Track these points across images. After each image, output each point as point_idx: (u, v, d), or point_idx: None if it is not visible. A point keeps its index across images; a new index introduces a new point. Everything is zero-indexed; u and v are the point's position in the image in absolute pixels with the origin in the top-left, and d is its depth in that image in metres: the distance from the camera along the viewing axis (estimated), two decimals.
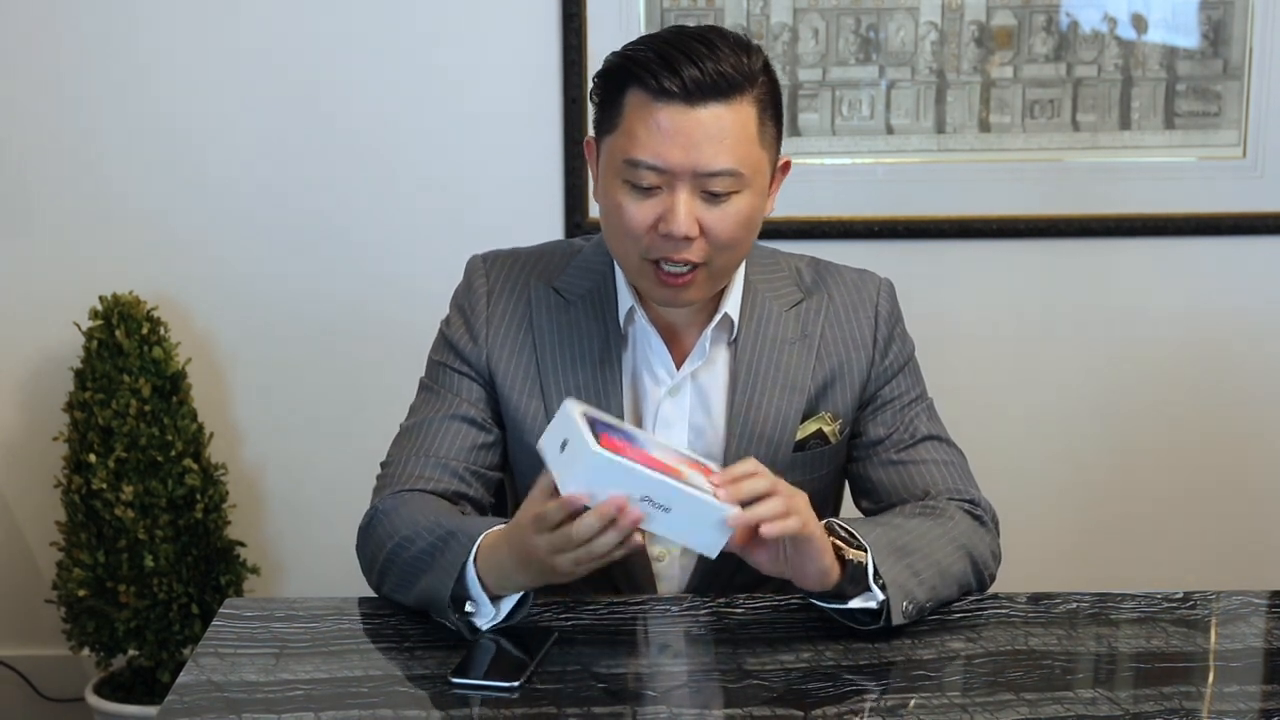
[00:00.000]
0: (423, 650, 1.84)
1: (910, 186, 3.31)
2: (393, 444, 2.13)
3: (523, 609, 1.86)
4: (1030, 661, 1.82)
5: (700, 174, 1.92)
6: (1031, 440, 3.44)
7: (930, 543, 1.95)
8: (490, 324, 2.12)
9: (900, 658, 1.82)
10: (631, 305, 2.08)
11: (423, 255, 3.28)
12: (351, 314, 3.34)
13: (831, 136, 3.30)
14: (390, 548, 1.94)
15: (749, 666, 1.79)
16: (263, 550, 3.44)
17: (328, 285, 3.33)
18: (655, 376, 2.10)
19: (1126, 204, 3.31)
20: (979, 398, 3.39)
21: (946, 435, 2.17)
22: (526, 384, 2.10)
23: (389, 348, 3.28)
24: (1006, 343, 3.40)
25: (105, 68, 3.24)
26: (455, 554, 1.85)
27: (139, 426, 3.08)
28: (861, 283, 2.17)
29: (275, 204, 3.30)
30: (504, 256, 2.18)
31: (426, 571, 1.88)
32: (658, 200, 1.93)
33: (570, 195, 3.27)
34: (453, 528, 1.89)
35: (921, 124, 3.30)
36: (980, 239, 3.33)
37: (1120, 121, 3.29)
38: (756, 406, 2.08)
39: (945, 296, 3.36)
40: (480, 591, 1.84)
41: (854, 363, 2.13)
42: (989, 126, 3.30)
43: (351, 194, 3.30)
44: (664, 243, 1.94)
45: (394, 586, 1.95)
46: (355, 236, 3.32)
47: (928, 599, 1.91)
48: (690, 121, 1.90)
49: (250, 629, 1.90)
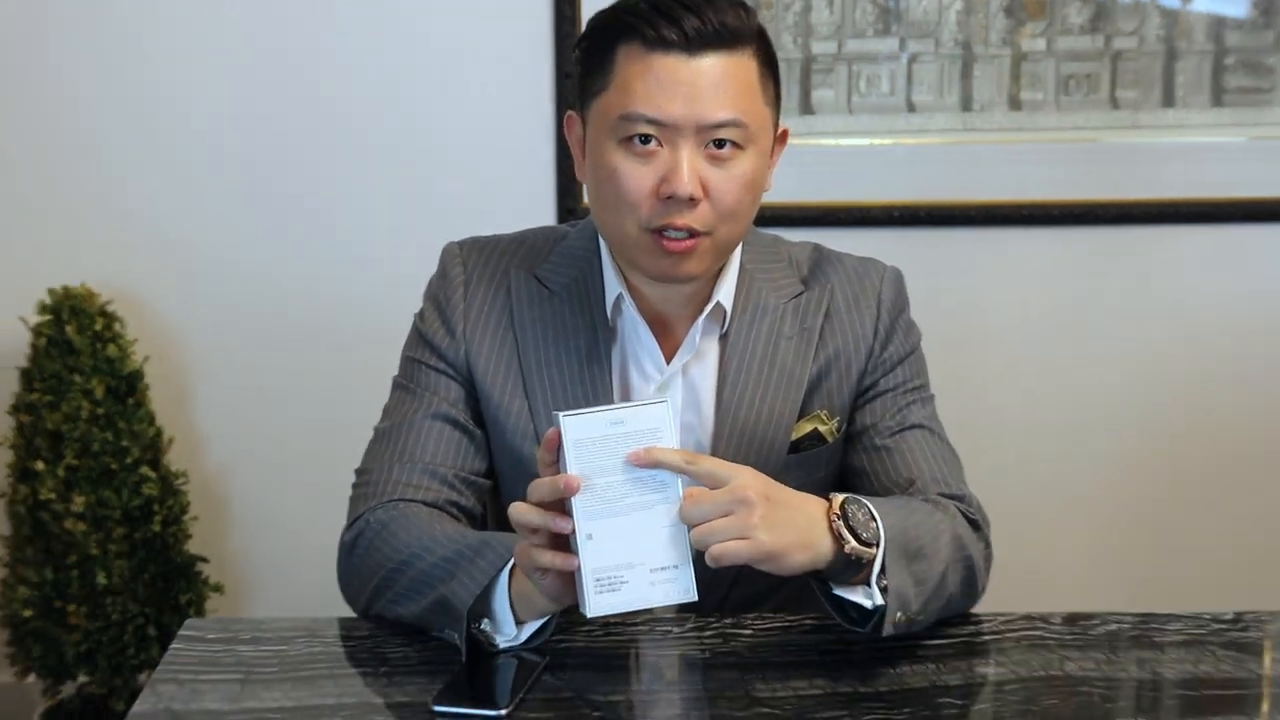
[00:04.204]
0: (402, 675, 1.83)
1: (933, 170, 3.31)
2: (368, 449, 2.13)
3: (544, 634, 1.88)
4: (1066, 689, 1.81)
5: (704, 126, 1.92)
6: (1066, 445, 3.44)
7: (939, 548, 1.94)
8: (468, 317, 2.13)
9: (924, 684, 1.82)
10: (619, 293, 2.08)
11: (403, 243, 3.28)
12: (326, 307, 3.34)
13: (847, 115, 3.30)
14: (399, 560, 1.94)
15: (758, 693, 1.79)
16: (227, 566, 3.44)
17: (300, 276, 3.33)
18: (644, 372, 2.10)
19: (1170, 188, 3.32)
20: (1009, 399, 3.39)
21: (941, 432, 2.17)
22: (509, 382, 2.10)
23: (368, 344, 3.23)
24: (1039, 340, 3.40)
25: (54, 41, 3.24)
26: (490, 561, 1.85)
27: (91, 431, 3.08)
28: (865, 271, 2.18)
29: (243, 188, 3.30)
30: (482, 244, 2.19)
31: (448, 579, 1.88)
32: (658, 161, 1.94)
33: (563, 178, 3.28)
34: (486, 537, 1.90)
35: (946, 101, 3.30)
36: (1010, 226, 3.33)
37: (1163, 98, 3.29)
38: (748, 405, 2.09)
39: (971, 290, 3.36)
40: (505, 607, 1.85)
41: (853, 355, 2.13)
42: (1019, 104, 3.30)
43: (326, 176, 3.30)
44: (666, 208, 1.94)
45: (397, 599, 1.95)
46: (330, 222, 3.32)
47: (918, 613, 1.90)
48: (691, 71, 1.92)
49: (213, 652, 1.90)
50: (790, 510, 1.81)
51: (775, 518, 1.78)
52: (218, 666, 1.86)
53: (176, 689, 1.80)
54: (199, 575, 3.26)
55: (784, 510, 1.80)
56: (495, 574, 1.84)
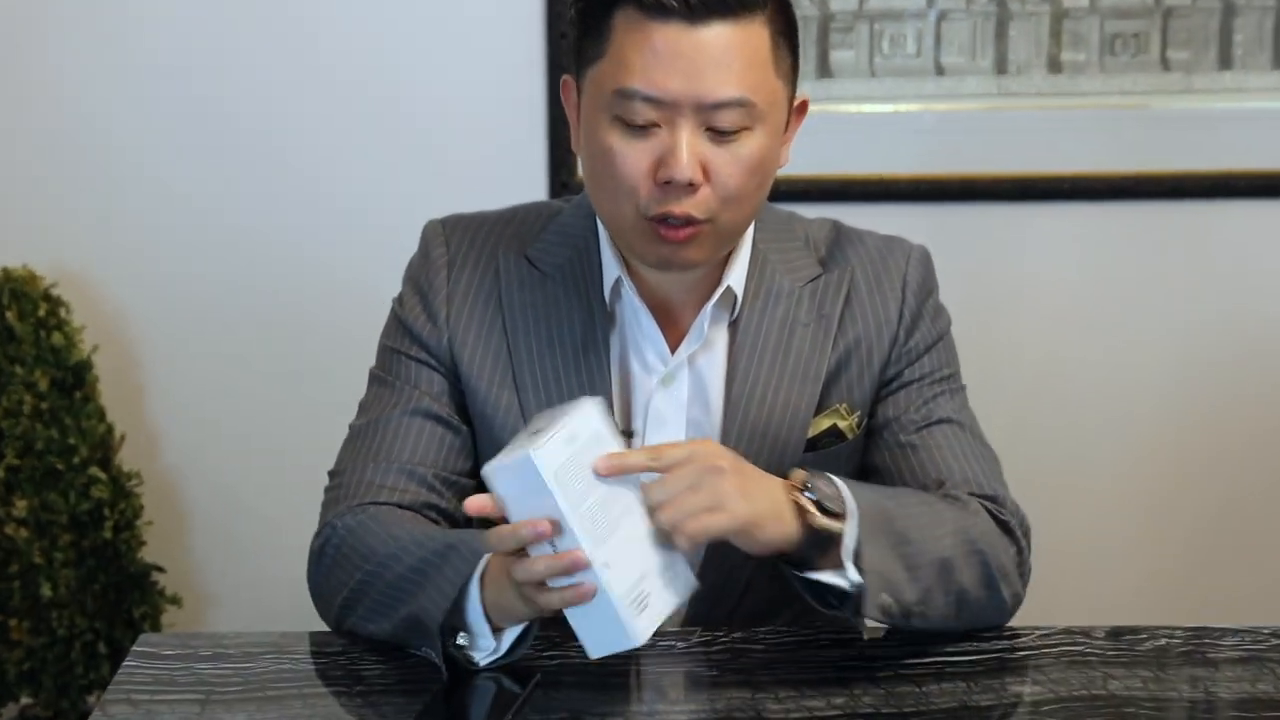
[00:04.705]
0: (379, 695, 1.84)
1: (964, 139, 3.31)
2: (343, 448, 2.13)
3: (525, 643, 1.87)
4: (1111, 709, 1.82)
5: (705, 105, 1.92)
6: (1112, 441, 3.44)
7: (937, 537, 1.94)
8: (451, 302, 2.13)
9: (953, 704, 1.83)
10: (618, 276, 2.09)
11: (380, 223, 3.28)
12: (296, 292, 3.34)
13: (869, 79, 3.30)
14: (366, 570, 1.95)
15: (770, 714, 1.79)
16: (185, 576, 3.44)
17: (267, 258, 3.33)
18: (646, 363, 2.10)
19: (1227, 158, 3.31)
20: (1047, 392, 3.39)
21: (973, 426, 2.18)
22: (496, 373, 2.10)
23: (341, 333, 3.26)
24: (1081, 328, 3.41)
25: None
26: (456, 570, 1.86)
27: (34, 428, 3.08)
28: (889, 251, 2.18)
29: (202, 161, 3.30)
30: (467, 221, 2.19)
31: (417, 592, 1.88)
32: (655, 141, 1.93)
33: (556, 149, 3.28)
34: (452, 540, 1.90)
35: (979, 63, 3.30)
36: (1049, 201, 3.33)
37: (1219, 59, 3.29)
38: (760, 399, 2.09)
39: (1006, 271, 3.36)
40: (481, 618, 1.85)
41: (875, 343, 2.14)
42: (1060, 66, 3.30)
43: (294, 150, 3.30)
44: (663, 193, 1.94)
45: (369, 615, 1.95)
46: (300, 199, 3.32)
47: (918, 603, 1.90)
48: (692, 43, 1.91)
49: (170, 671, 1.90)
50: (759, 479, 1.86)
51: (746, 484, 1.83)
52: (175, 686, 1.86)
53: (130, 710, 1.80)
54: (154, 586, 3.26)
55: (753, 479, 1.85)
56: (464, 583, 1.84)
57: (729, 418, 2.09)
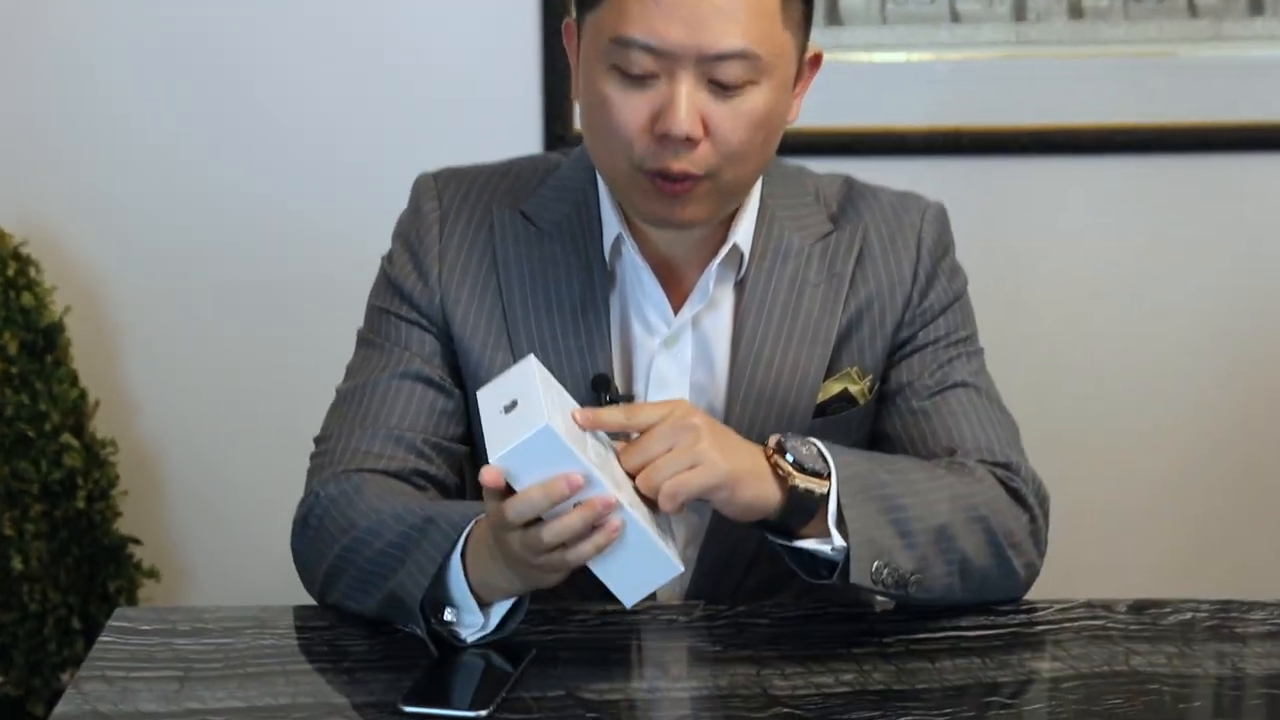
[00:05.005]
0: (366, 671, 1.84)
1: (981, 89, 3.31)
2: (329, 413, 2.14)
3: (515, 618, 1.88)
4: (1133, 686, 1.82)
5: (706, 56, 1.91)
6: (1135, 406, 3.44)
7: (931, 503, 1.94)
8: (444, 259, 2.13)
9: (968, 680, 1.83)
10: (618, 234, 2.09)
11: (368, 177, 3.28)
12: (280, 249, 3.34)
13: (880, 26, 3.29)
14: (345, 544, 1.95)
15: (777, 690, 1.80)
16: (162, 548, 3.45)
17: (249, 213, 3.33)
18: (648, 324, 2.11)
19: (1258, 109, 3.31)
20: (1068, 354, 3.40)
21: (990, 390, 2.18)
22: (490, 334, 2.11)
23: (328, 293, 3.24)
24: (1104, 289, 3.41)
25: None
26: (436, 545, 1.86)
27: (4, 393, 3.08)
28: (903, 207, 2.19)
29: (183, 111, 3.30)
30: (460, 175, 2.19)
31: (397, 569, 1.89)
32: (654, 92, 1.93)
33: (551, 99, 3.27)
34: (431, 513, 1.90)
35: (996, 9, 3.29)
36: (1070, 155, 3.33)
37: (1250, 5, 3.29)
38: (768, 361, 2.10)
39: (1026, 229, 3.36)
40: (466, 594, 1.85)
41: (888, 304, 2.14)
42: (1081, 12, 3.30)
43: (277, 101, 3.30)
44: (660, 147, 1.94)
45: (350, 592, 1.96)
46: (283, 152, 3.32)
47: (915, 572, 1.91)
48: None
49: (147, 646, 1.91)
50: (736, 440, 1.89)
51: (724, 441, 1.85)
52: (152, 663, 1.87)
53: (105, 689, 1.81)
54: (130, 559, 3.27)
55: (730, 439, 1.88)
56: (444, 558, 1.85)
57: (734, 381, 2.10)
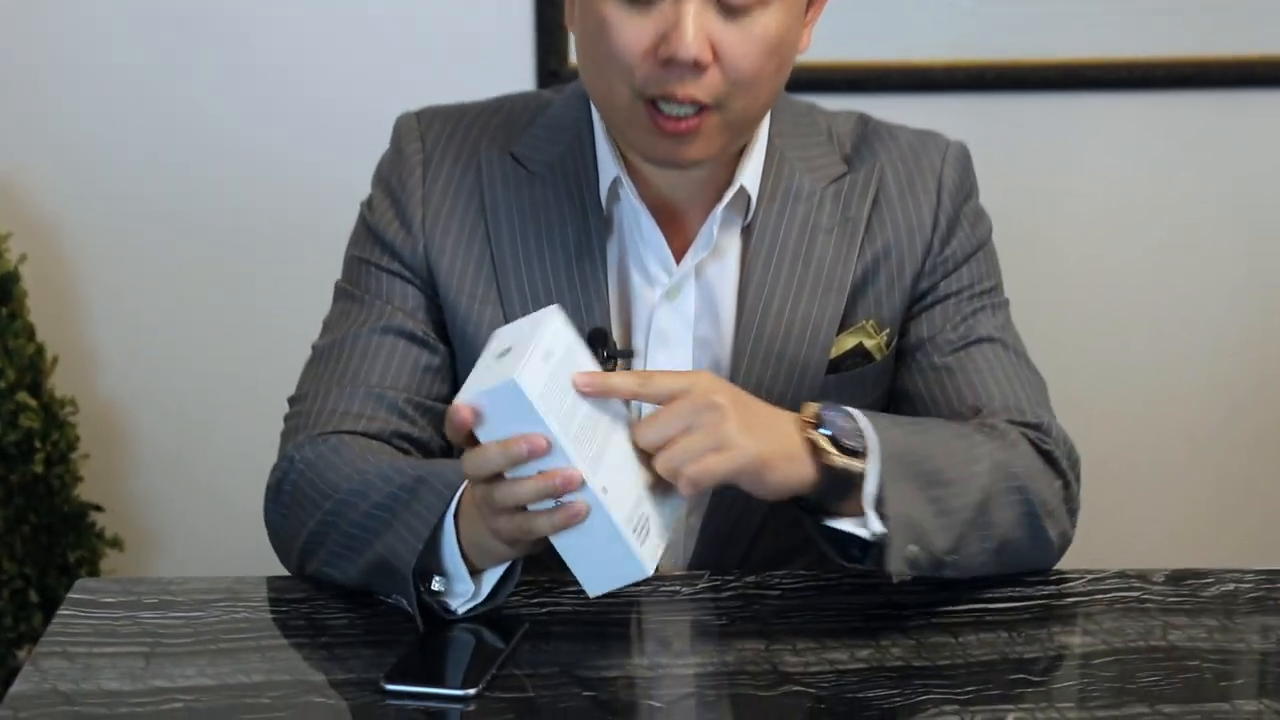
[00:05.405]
0: (346, 647, 1.84)
1: (1008, 19, 3.31)
2: (305, 371, 2.13)
3: (506, 587, 1.87)
4: (1171, 663, 1.82)
5: None
6: (1170, 363, 3.44)
7: (971, 476, 1.93)
8: (428, 205, 2.13)
9: (993, 656, 1.83)
10: (616, 175, 2.08)
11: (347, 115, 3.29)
12: (253, 194, 3.34)
13: None
14: (328, 508, 1.95)
15: (788, 667, 1.80)
16: (126, 515, 3.46)
17: (219, 154, 3.33)
18: (648, 274, 2.11)
19: None
20: (1100, 306, 3.40)
21: (1017, 345, 2.18)
22: (479, 286, 2.10)
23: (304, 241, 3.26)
24: (1138, 235, 3.41)
25: None
26: (428, 505, 1.85)
27: None
28: (922, 147, 2.18)
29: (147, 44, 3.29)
30: (445, 114, 2.19)
31: (384, 532, 1.88)
32: (657, 15, 1.92)
33: (543, 32, 3.27)
34: (422, 472, 1.90)
35: None
36: (1103, 91, 3.33)
37: None
38: (777, 314, 2.09)
39: (1054, 170, 3.36)
40: (457, 558, 1.85)
41: (906, 252, 2.14)
42: None
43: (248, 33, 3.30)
44: (664, 73, 1.93)
45: (332, 559, 1.96)
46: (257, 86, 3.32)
47: (949, 552, 1.90)
48: None
49: (111, 621, 1.91)
50: (766, 414, 1.84)
51: (752, 420, 1.80)
52: (116, 638, 1.87)
53: (65, 666, 1.81)
54: (91, 527, 3.27)
55: (760, 414, 1.83)
56: (438, 519, 1.84)
57: (741, 335, 2.09)
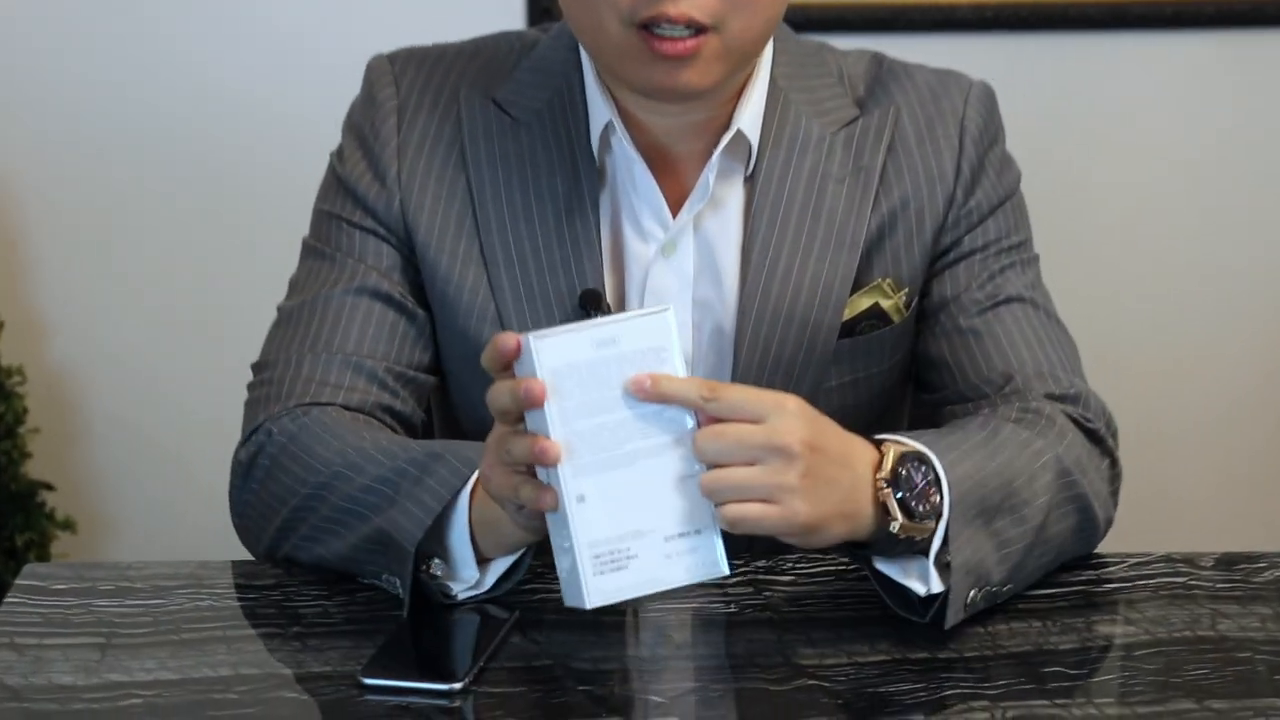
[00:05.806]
0: (321, 637, 1.84)
1: None
2: (270, 335, 2.13)
3: (512, 579, 1.88)
4: (1220, 654, 1.81)
5: None
6: (1218, 328, 3.45)
7: (1034, 492, 1.89)
8: (403, 156, 2.12)
9: (1026, 647, 1.83)
10: (608, 121, 2.07)
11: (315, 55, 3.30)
12: (215, 142, 3.35)
13: None
14: (315, 485, 1.94)
15: (802, 660, 1.79)
16: (80, 495, 3.47)
17: (177, 98, 3.34)
18: (641, 227, 2.10)
19: None
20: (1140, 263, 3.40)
21: (1047, 304, 2.16)
22: (460, 244, 2.10)
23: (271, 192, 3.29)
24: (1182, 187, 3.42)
25: None
26: (443, 480, 1.84)
27: None
28: (942, 88, 2.17)
29: None
30: (421, 56, 2.18)
31: (385, 507, 1.87)
32: None
33: None
34: (435, 448, 1.89)
35: None
36: (1143, 30, 3.34)
37: None
38: (784, 272, 2.08)
39: (1088, 115, 3.37)
40: (466, 542, 1.84)
41: (926, 203, 2.13)
42: None
43: None
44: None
45: (313, 535, 1.95)
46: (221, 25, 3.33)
47: (1002, 582, 1.87)
48: None
49: (62, 609, 1.90)
50: (837, 467, 1.77)
51: (819, 476, 1.74)
52: (69, 627, 1.87)
53: (13, 658, 1.80)
54: (41, 507, 3.29)
55: (830, 467, 1.76)
56: (452, 497, 1.83)
57: (745, 295, 2.08)
